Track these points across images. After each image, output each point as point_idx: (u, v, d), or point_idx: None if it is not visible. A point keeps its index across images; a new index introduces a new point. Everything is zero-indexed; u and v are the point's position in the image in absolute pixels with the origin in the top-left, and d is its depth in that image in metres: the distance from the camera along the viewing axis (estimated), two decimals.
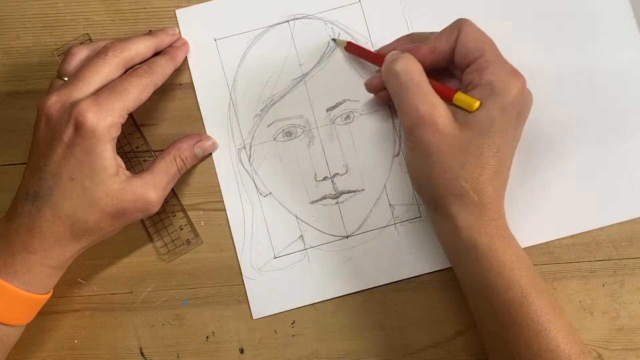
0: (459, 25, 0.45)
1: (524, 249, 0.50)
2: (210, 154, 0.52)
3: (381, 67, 0.47)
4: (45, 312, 0.49)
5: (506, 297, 0.42)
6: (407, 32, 0.52)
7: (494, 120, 0.43)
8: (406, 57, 0.45)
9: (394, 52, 0.47)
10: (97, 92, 0.44)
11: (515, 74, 0.44)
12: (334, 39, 0.52)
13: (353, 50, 0.51)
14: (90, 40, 0.52)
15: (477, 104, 0.43)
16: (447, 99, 0.44)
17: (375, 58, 0.49)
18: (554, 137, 0.51)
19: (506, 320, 0.43)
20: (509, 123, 0.44)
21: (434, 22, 0.52)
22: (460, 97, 0.44)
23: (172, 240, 0.52)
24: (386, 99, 0.49)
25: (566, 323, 0.43)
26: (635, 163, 0.51)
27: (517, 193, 0.51)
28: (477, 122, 0.43)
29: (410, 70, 0.44)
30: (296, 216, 0.52)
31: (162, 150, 0.49)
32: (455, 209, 0.43)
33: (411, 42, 0.49)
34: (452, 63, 0.47)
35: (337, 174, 0.52)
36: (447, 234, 0.45)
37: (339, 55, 0.52)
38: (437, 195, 0.44)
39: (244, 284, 0.51)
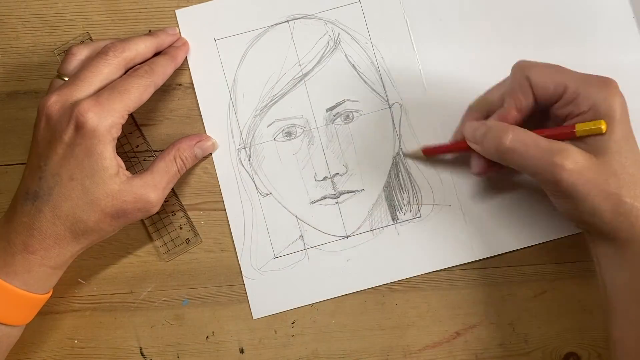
0: (525, 72, 0.44)
1: (524, 249, 0.51)
2: (210, 154, 0.52)
3: (468, 151, 0.47)
4: (45, 312, 0.49)
5: None
6: (407, 33, 0.52)
7: (617, 135, 0.42)
8: (506, 129, 0.44)
9: (472, 123, 0.46)
10: (98, 92, 0.44)
11: (604, 82, 0.43)
12: (403, 153, 0.51)
13: (431, 152, 0.51)
14: (91, 39, 0.52)
15: (604, 123, 0.42)
16: (569, 137, 0.43)
17: (459, 145, 0.49)
18: None
19: None
20: (628, 131, 0.43)
21: (434, 22, 0.52)
22: (583, 127, 0.42)
23: (172, 240, 0.52)
24: (493, 168, 0.48)
25: None
26: None
27: (517, 193, 0.51)
28: (605, 143, 0.42)
29: (520, 138, 0.43)
30: (296, 216, 0.52)
31: (162, 150, 0.49)
32: (626, 226, 0.42)
33: (479, 114, 0.49)
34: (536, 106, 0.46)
35: (337, 174, 0.52)
36: (614, 253, 0.44)
37: (339, 55, 0.52)
38: (605, 223, 0.43)
39: (244, 284, 0.51)
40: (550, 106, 0.45)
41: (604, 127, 0.42)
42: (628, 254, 0.43)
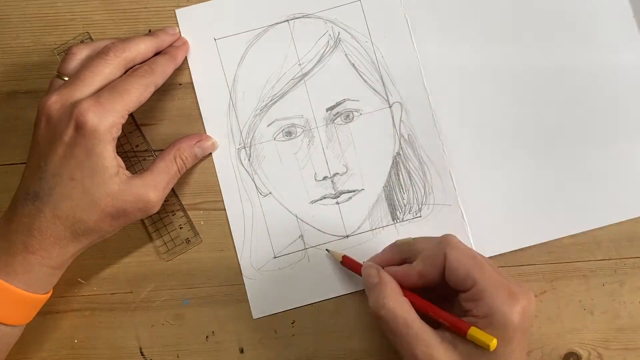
0: (444, 249, 0.42)
1: (524, 249, 0.51)
2: (210, 153, 0.52)
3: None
4: (45, 312, 0.49)
5: None
6: (407, 32, 0.52)
7: (499, 353, 0.40)
8: (388, 295, 0.42)
9: (369, 267, 0.45)
10: (98, 92, 0.44)
11: (513, 298, 0.41)
12: (327, 250, 0.51)
13: (348, 264, 0.49)
14: (91, 38, 0.52)
15: (494, 343, 0.40)
16: (459, 332, 0.41)
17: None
18: (554, 137, 0.51)
19: None
20: (514, 351, 0.41)
21: (434, 22, 0.52)
22: (475, 335, 0.40)
23: (172, 239, 0.52)
24: None
25: None
26: (635, 163, 0.51)
27: (518, 193, 0.51)
28: (482, 355, 0.41)
29: (396, 312, 0.42)
30: (296, 216, 0.52)
31: (162, 150, 0.49)
32: None
33: (398, 254, 0.47)
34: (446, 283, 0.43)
35: (337, 173, 0.52)
36: None
37: (339, 54, 0.52)
38: None
39: (244, 284, 0.51)
40: (457, 292, 0.43)
41: (493, 345, 0.40)
42: None
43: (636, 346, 0.50)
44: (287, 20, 0.52)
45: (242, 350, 0.51)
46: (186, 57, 0.52)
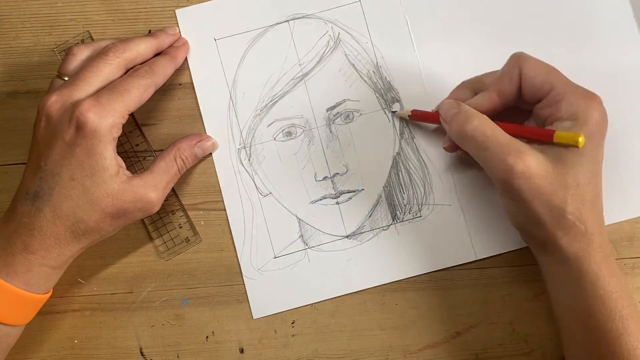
0: (518, 63, 0.45)
1: (524, 249, 0.51)
2: (210, 153, 0.52)
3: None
4: (45, 312, 0.49)
5: (606, 327, 0.42)
6: (407, 33, 0.52)
7: (585, 149, 0.42)
8: (473, 115, 0.44)
9: (449, 102, 0.46)
10: (98, 92, 0.44)
11: (591, 97, 0.43)
12: (393, 111, 0.51)
13: (418, 117, 0.50)
14: (91, 38, 0.52)
15: (582, 139, 0.41)
16: (545, 139, 0.43)
17: (437, 117, 0.48)
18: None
19: (602, 350, 0.42)
20: (596, 148, 0.43)
21: (433, 22, 0.52)
22: (561, 135, 0.42)
23: (172, 239, 0.52)
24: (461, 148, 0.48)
25: None
26: (635, 163, 0.51)
27: None
28: (569, 154, 0.42)
29: (482, 128, 0.43)
30: (296, 216, 0.52)
31: (162, 150, 0.49)
32: (565, 242, 0.43)
33: (468, 91, 0.48)
34: (520, 99, 0.46)
35: (337, 173, 0.52)
36: (554, 270, 0.44)
37: (339, 55, 0.52)
38: (545, 235, 0.43)
39: (244, 284, 0.51)
40: (533, 104, 0.45)
41: (581, 141, 0.41)
42: (567, 273, 0.43)
43: None
44: (288, 21, 0.52)
45: (242, 350, 0.51)
46: (186, 57, 0.52)
